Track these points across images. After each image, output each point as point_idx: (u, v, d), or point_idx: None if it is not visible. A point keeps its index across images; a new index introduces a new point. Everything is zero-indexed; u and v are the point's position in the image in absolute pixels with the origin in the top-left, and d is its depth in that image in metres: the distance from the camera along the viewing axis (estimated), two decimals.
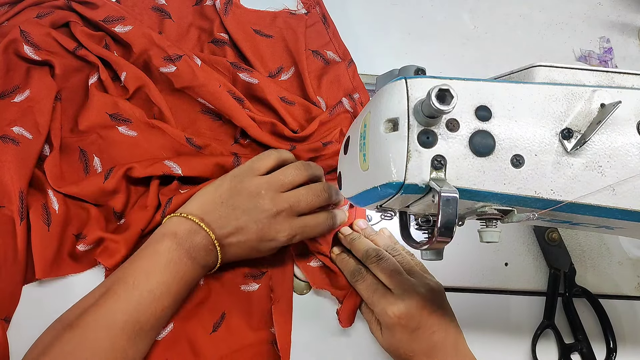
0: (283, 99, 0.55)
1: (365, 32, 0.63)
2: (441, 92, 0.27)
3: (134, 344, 0.41)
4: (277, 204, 0.46)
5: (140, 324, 0.41)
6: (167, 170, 0.49)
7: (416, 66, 0.36)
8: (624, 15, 0.69)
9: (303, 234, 0.47)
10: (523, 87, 0.33)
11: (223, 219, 0.45)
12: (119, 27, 0.53)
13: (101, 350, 0.39)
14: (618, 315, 0.55)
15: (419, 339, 0.45)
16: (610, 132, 0.32)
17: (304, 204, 0.47)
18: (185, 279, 0.44)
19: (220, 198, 0.46)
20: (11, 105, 0.50)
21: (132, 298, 0.41)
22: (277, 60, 0.58)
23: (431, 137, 0.30)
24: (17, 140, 0.48)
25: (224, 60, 0.55)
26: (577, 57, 0.66)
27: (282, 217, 0.46)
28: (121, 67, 0.52)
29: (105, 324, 0.40)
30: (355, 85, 0.58)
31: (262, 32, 0.58)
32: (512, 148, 0.31)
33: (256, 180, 0.46)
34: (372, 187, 0.33)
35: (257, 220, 0.45)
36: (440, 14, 0.66)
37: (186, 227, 0.44)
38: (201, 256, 0.44)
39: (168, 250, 0.43)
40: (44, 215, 0.47)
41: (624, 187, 0.31)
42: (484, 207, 0.32)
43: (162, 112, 0.53)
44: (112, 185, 0.49)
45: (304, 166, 0.49)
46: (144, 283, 0.42)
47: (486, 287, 0.55)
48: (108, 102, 0.52)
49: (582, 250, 0.57)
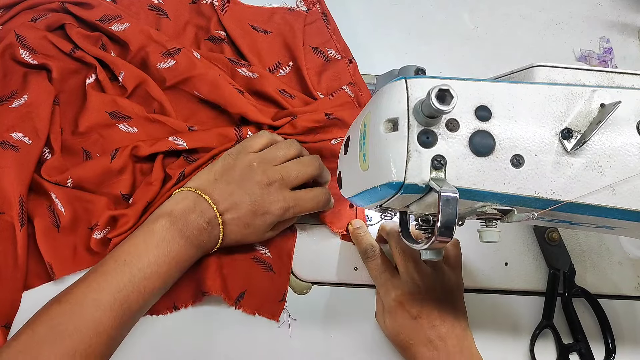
0: (282, 92, 0.55)
1: (365, 32, 0.63)
2: (441, 92, 0.27)
3: (119, 323, 0.40)
4: (269, 175, 0.46)
5: (128, 302, 0.40)
6: (172, 145, 0.50)
7: (416, 66, 0.36)
8: (624, 15, 0.69)
9: (296, 207, 0.47)
10: (523, 87, 0.33)
11: (218, 195, 0.45)
12: (115, 26, 0.53)
13: (85, 326, 0.38)
14: (617, 316, 0.55)
15: (419, 328, 0.45)
16: (610, 132, 0.32)
17: (294, 173, 0.47)
18: (177, 259, 0.43)
19: (214, 175, 0.47)
20: (9, 110, 0.49)
21: (123, 276, 0.41)
22: (275, 56, 0.58)
23: (431, 137, 0.30)
24: (16, 146, 0.48)
25: (222, 57, 0.55)
26: (577, 57, 0.66)
27: (275, 189, 0.46)
28: (119, 67, 0.52)
29: (92, 301, 0.39)
30: (356, 82, 0.58)
31: (259, 29, 0.58)
32: (512, 148, 0.31)
33: (249, 156, 0.47)
34: (372, 187, 0.33)
35: (250, 193, 0.46)
36: (440, 14, 0.66)
37: (182, 206, 0.45)
38: (194, 235, 0.44)
39: (162, 228, 0.43)
40: (52, 218, 0.48)
41: (624, 187, 0.31)
42: (484, 207, 0.32)
43: (162, 106, 0.53)
44: (119, 165, 0.49)
45: (295, 143, 0.50)
46: (135, 261, 0.41)
47: (486, 287, 0.55)
48: (106, 101, 0.52)
49: (582, 250, 0.57)
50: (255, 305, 0.50)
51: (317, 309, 0.51)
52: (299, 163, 0.48)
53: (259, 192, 0.46)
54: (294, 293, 0.51)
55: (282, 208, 0.46)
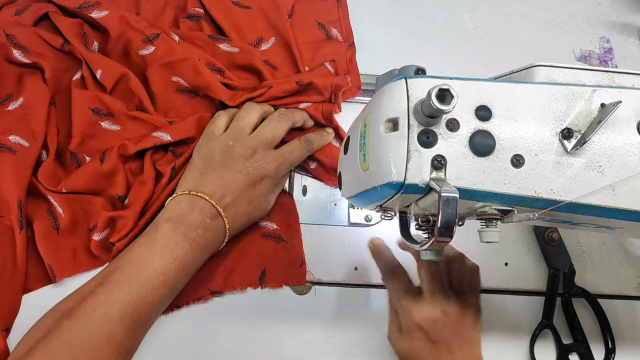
0: (266, 62, 0.55)
1: (365, 31, 0.63)
2: (441, 92, 0.27)
3: (131, 335, 0.40)
4: (249, 145, 0.47)
5: (138, 314, 0.40)
6: (157, 140, 0.50)
7: (416, 66, 0.36)
8: (624, 15, 0.69)
9: (285, 162, 0.49)
10: (523, 87, 0.32)
11: (210, 187, 0.45)
12: (95, 13, 0.53)
13: (97, 340, 0.38)
14: (617, 316, 0.55)
15: (436, 353, 0.44)
16: (610, 132, 0.32)
17: (270, 133, 0.48)
18: (184, 264, 0.43)
19: (198, 171, 0.47)
20: (6, 113, 0.49)
21: (131, 288, 0.40)
22: (256, 31, 0.58)
23: (431, 137, 0.30)
24: (14, 149, 0.48)
25: (201, 34, 0.55)
26: (577, 57, 0.66)
27: (260, 155, 0.47)
28: (96, 65, 0.52)
29: (103, 315, 0.39)
30: (351, 68, 0.58)
31: (240, 4, 0.58)
32: (512, 148, 0.31)
33: (220, 139, 0.48)
34: (372, 187, 0.33)
35: (239, 169, 0.46)
36: (440, 14, 0.66)
37: (180, 210, 0.44)
38: (200, 235, 0.44)
39: (164, 235, 0.43)
40: (51, 220, 0.47)
41: (624, 187, 0.31)
42: (484, 207, 0.32)
43: (142, 102, 0.53)
44: (110, 167, 0.49)
45: (252, 106, 0.50)
46: (142, 272, 0.41)
47: (486, 287, 0.55)
48: (89, 97, 0.51)
49: (582, 250, 0.57)
50: (279, 278, 0.51)
51: (317, 309, 0.51)
52: (270, 121, 0.49)
53: (247, 164, 0.46)
54: (294, 293, 0.51)
55: (275, 167, 0.47)
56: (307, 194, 0.56)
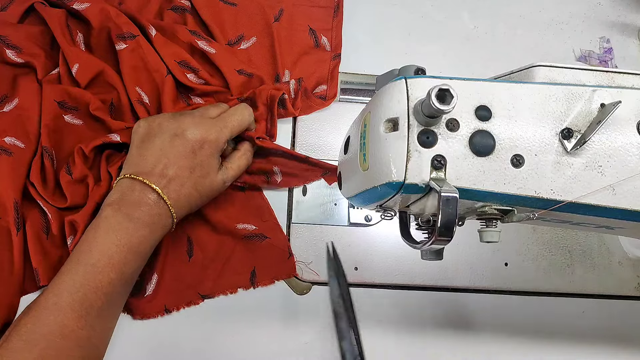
0: (240, 72, 0.55)
1: (365, 32, 0.63)
2: (441, 92, 0.27)
3: (85, 323, 0.39)
4: (185, 114, 0.47)
5: (89, 300, 0.40)
6: (107, 139, 0.50)
7: (416, 66, 0.36)
8: (624, 15, 0.69)
9: (226, 127, 0.47)
10: (523, 87, 0.32)
11: (143, 162, 0.44)
12: (77, 4, 0.53)
13: (50, 332, 0.38)
14: (617, 316, 0.55)
15: None
16: (610, 132, 0.32)
17: (209, 108, 0.49)
18: (129, 245, 0.42)
19: (135, 152, 0.46)
20: (1, 115, 0.49)
21: (77, 275, 0.40)
22: (238, 29, 0.58)
23: (431, 137, 0.30)
24: (10, 150, 0.48)
25: (183, 28, 0.55)
26: (577, 57, 0.66)
27: (189, 115, 0.47)
28: (73, 59, 0.52)
29: (54, 305, 0.39)
30: (330, 78, 0.59)
31: (226, 1, 0.59)
32: (512, 148, 0.31)
33: (154, 118, 0.47)
34: (372, 187, 0.33)
35: (165, 130, 0.45)
36: (440, 14, 0.66)
37: (120, 192, 0.43)
38: (143, 212, 0.43)
39: (105, 218, 0.42)
40: (42, 225, 0.47)
41: (624, 187, 0.31)
42: (484, 207, 0.32)
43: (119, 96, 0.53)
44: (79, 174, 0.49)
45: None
46: (86, 257, 0.41)
47: (486, 287, 0.55)
48: (57, 90, 0.51)
49: (582, 250, 0.57)
50: (270, 275, 0.51)
51: (317, 309, 0.51)
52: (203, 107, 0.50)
53: (174, 122, 0.46)
54: (294, 293, 0.51)
55: (215, 132, 0.46)
56: (307, 194, 0.56)
